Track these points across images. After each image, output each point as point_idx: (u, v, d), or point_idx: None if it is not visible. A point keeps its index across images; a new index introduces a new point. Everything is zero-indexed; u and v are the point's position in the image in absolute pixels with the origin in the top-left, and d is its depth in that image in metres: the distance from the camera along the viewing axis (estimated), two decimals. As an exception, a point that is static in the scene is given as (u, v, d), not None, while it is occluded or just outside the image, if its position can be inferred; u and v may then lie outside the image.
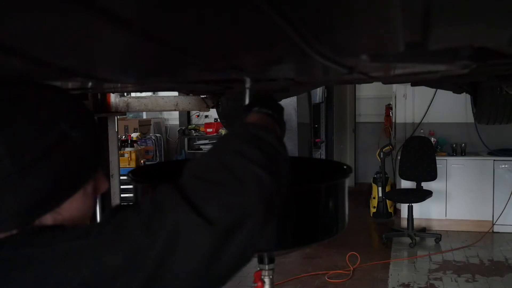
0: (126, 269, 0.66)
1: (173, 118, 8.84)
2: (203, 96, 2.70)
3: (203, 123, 8.44)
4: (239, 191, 0.71)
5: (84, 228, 0.72)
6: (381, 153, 6.32)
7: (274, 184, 0.74)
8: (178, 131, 8.38)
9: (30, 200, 0.72)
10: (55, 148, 0.73)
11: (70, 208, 0.77)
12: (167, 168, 1.65)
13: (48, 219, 0.76)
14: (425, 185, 5.65)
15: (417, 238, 5.40)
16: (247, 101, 1.12)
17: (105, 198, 2.76)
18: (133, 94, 3.46)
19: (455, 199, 5.80)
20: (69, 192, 0.77)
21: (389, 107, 7.40)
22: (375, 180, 6.52)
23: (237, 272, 0.73)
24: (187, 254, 0.67)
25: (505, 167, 5.65)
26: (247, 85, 1.13)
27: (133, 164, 5.54)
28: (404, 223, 5.69)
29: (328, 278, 4.45)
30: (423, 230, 5.68)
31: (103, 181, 0.86)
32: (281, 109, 1.03)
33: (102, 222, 0.72)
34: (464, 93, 2.84)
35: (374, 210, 6.48)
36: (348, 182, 1.24)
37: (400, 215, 6.07)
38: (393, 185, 6.61)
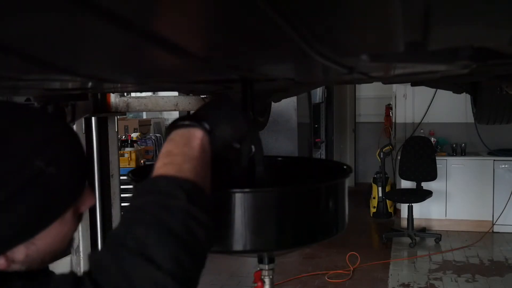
0: None
1: (173, 118, 8.75)
2: (203, 96, 2.70)
3: (203, 123, 8.42)
4: None
5: None
6: (381, 153, 6.33)
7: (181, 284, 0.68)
8: (178, 131, 8.36)
9: (2, 233, 0.70)
10: (30, 185, 0.70)
11: (45, 237, 0.75)
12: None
13: (20, 250, 0.74)
14: (425, 185, 5.65)
15: (417, 238, 5.40)
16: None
17: (105, 199, 2.76)
18: (133, 94, 3.46)
19: (455, 199, 5.80)
20: (44, 224, 0.74)
21: (389, 107, 7.40)
22: (375, 180, 6.52)
23: None
24: None
25: (505, 167, 5.65)
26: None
27: (133, 164, 5.53)
28: (404, 223, 5.69)
29: (328, 278, 4.45)
30: (423, 230, 5.68)
31: (88, 199, 0.82)
32: (230, 112, 0.88)
33: None
34: (464, 93, 2.84)
35: (374, 210, 6.48)
36: (348, 182, 1.24)
37: (400, 215, 6.07)
38: (393, 185, 6.62)
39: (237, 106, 0.93)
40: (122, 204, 2.85)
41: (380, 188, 6.40)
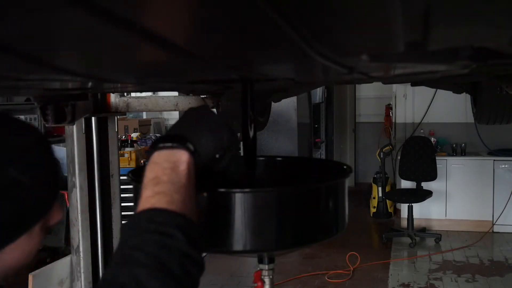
0: None
1: (173, 118, 8.84)
2: (203, 96, 2.70)
3: (203, 123, 8.42)
4: None
5: None
6: (381, 153, 6.33)
7: None
8: (178, 131, 8.36)
9: None
10: (2, 195, 0.69)
11: (12, 251, 0.73)
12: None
13: None
14: (425, 185, 5.65)
15: (417, 238, 5.40)
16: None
17: (105, 199, 2.76)
18: (133, 94, 3.46)
19: (455, 199, 5.80)
20: (14, 237, 0.73)
21: (389, 107, 7.40)
22: (375, 180, 6.52)
23: None
24: None
25: (505, 167, 5.66)
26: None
27: (133, 164, 5.53)
28: (404, 223, 5.70)
29: (328, 278, 4.45)
30: (423, 230, 5.68)
31: (57, 214, 0.80)
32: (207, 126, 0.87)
33: None
34: (464, 93, 2.84)
35: (374, 210, 6.48)
36: (348, 182, 1.24)
37: (400, 215, 6.08)
38: (393, 185, 6.62)
39: (216, 118, 0.92)
40: (122, 204, 2.85)
41: (380, 188, 6.40)
